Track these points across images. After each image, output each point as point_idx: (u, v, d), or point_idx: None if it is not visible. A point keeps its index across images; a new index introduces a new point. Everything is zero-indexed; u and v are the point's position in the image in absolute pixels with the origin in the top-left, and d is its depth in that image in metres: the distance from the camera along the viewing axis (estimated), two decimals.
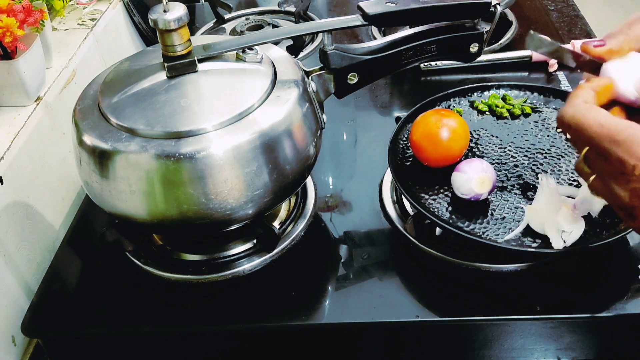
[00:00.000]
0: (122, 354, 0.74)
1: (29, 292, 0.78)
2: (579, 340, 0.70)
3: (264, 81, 0.67)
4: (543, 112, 0.85)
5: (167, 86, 0.66)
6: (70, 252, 0.79)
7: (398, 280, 0.71)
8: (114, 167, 0.63)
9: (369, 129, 0.94)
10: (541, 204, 0.68)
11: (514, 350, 0.70)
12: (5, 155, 0.75)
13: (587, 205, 0.68)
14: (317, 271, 0.74)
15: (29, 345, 0.77)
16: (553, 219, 0.67)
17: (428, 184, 0.75)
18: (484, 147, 0.80)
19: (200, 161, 0.61)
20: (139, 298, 0.72)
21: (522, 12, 1.19)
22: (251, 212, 0.66)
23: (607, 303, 0.67)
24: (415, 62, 0.75)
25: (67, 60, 0.93)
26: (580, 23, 1.18)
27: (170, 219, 0.64)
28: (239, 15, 1.26)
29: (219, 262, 0.74)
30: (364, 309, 0.68)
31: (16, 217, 0.76)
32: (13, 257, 0.75)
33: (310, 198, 0.81)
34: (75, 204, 0.90)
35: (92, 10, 1.07)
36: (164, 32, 0.65)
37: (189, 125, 0.62)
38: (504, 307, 0.68)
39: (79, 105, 0.69)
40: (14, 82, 0.80)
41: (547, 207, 0.67)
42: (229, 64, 0.70)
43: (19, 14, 0.78)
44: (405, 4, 0.70)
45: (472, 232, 0.69)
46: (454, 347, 0.72)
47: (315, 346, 0.73)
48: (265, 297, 0.71)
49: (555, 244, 0.65)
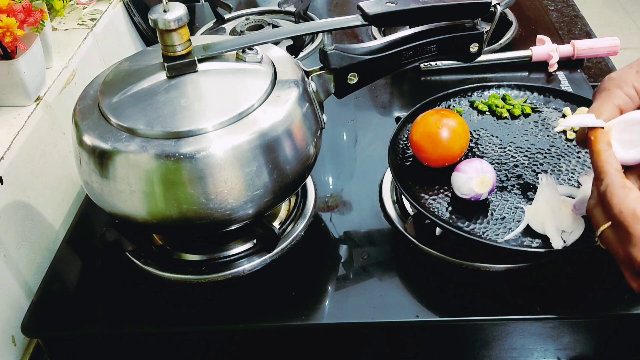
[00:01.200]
0: (122, 354, 0.74)
1: (29, 292, 0.78)
2: (579, 340, 0.70)
3: (264, 81, 0.67)
4: (543, 112, 0.85)
5: (167, 86, 0.66)
6: (70, 252, 0.79)
7: (398, 280, 0.71)
8: (114, 167, 0.63)
9: (369, 129, 0.94)
10: (541, 204, 0.68)
11: (514, 350, 0.70)
12: (5, 155, 0.75)
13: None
14: (317, 271, 0.73)
15: (29, 345, 0.77)
16: (553, 219, 0.67)
17: (428, 184, 0.75)
18: (484, 147, 0.80)
19: (200, 161, 0.61)
20: (139, 298, 0.72)
21: (522, 12, 1.19)
22: (251, 212, 0.66)
23: (607, 303, 0.67)
24: (415, 62, 0.75)
25: (67, 60, 0.93)
26: (580, 23, 1.18)
27: (170, 219, 0.64)
28: (239, 15, 1.26)
29: (219, 262, 0.74)
30: (364, 309, 0.68)
31: (16, 217, 0.76)
32: (13, 257, 0.75)
33: (310, 198, 0.81)
34: (75, 204, 0.90)
35: (92, 10, 1.07)
36: (164, 32, 0.65)
37: (189, 125, 0.62)
38: (504, 307, 0.68)
39: (79, 105, 0.69)
40: (14, 82, 0.80)
41: (547, 207, 0.68)
42: (229, 64, 0.70)
43: (19, 14, 0.78)
44: (405, 4, 0.70)
45: (472, 232, 0.69)
46: (454, 347, 0.72)
47: (315, 346, 0.73)
48: (265, 297, 0.71)
49: (555, 243, 0.65)
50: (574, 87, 0.98)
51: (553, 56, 1.02)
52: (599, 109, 0.58)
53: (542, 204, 0.68)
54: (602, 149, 0.55)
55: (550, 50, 1.02)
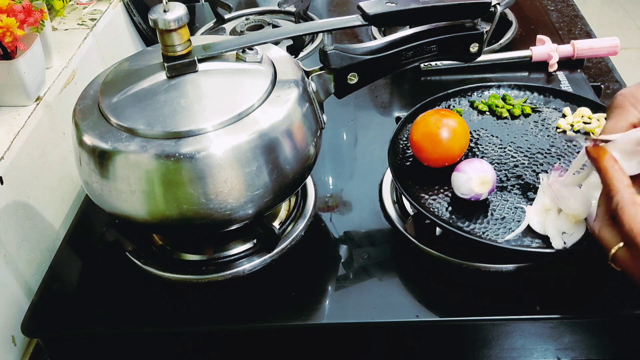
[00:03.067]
0: (122, 354, 0.74)
1: (29, 292, 0.78)
2: (579, 340, 0.70)
3: (264, 81, 0.67)
4: (543, 112, 0.85)
5: (167, 86, 0.66)
6: (70, 252, 0.79)
7: (398, 280, 0.71)
8: (114, 167, 0.63)
9: (369, 129, 0.94)
10: (542, 204, 0.68)
11: (514, 350, 0.70)
12: (5, 155, 0.75)
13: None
14: (317, 271, 0.74)
15: (29, 345, 0.77)
16: (554, 220, 0.67)
17: (428, 184, 0.75)
18: (484, 147, 0.80)
19: (200, 161, 0.61)
20: (139, 298, 0.72)
21: (522, 12, 1.19)
22: (251, 212, 0.66)
23: (607, 303, 0.67)
24: (415, 62, 0.75)
25: (67, 60, 0.93)
26: (580, 23, 1.18)
27: (170, 219, 0.64)
28: (239, 15, 1.26)
29: (219, 262, 0.74)
30: (364, 309, 0.68)
31: (16, 217, 0.76)
32: (13, 257, 0.75)
33: (310, 198, 0.81)
34: (75, 204, 0.90)
35: (92, 10, 1.07)
36: (164, 32, 0.65)
37: (189, 125, 0.62)
38: (504, 307, 0.68)
39: (79, 105, 0.69)
40: (14, 82, 0.80)
41: (548, 207, 0.67)
42: (229, 64, 0.70)
43: (19, 14, 0.78)
44: (405, 4, 0.70)
45: (472, 232, 0.69)
46: (454, 347, 0.72)
47: (315, 346, 0.73)
48: (265, 297, 0.71)
49: (555, 244, 0.65)
50: (574, 87, 0.98)
51: (553, 56, 1.02)
52: (614, 127, 0.57)
53: (543, 204, 0.68)
54: (608, 165, 0.55)
55: (550, 50, 1.02)
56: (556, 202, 0.67)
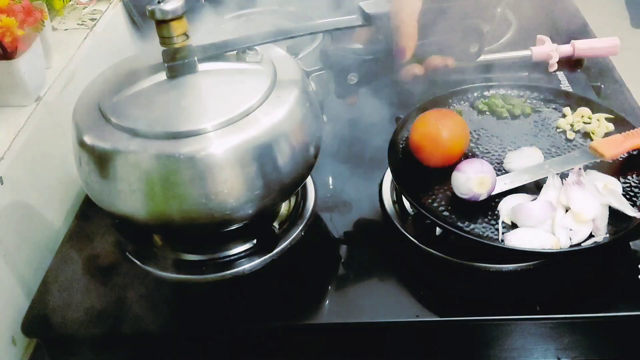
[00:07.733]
0: (122, 354, 0.74)
1: (29, 292, 0.78)
2: (579, 340, 0.70)
3: (264, 81, 0.67)
4: (543, 112, 0.85)
5: (167, 86, 0.66)
6: (70, 252, 0.79)
7: (398, 280, 0.71)
8: (113, 167, 0.63)
9: (369, 129, 0.94)
10: None
11: (514, 350, 0.70)
12: (5, 155, 0.75)
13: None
14: (317, 271, 0.74)
15: (29, 345, 0.77)
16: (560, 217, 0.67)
17: (428, 184, 0.75)
18: (484, 147, 0.80)
19: (200, 161, 0.61)
20: (139, 298, 0.72)
21: (522, 12, 1.19)
22: (251, 212, 0.66)
23: (607, 303, 0.67)
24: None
25: (67, 60, 0.93)
26: (580, 23, 1.18)
27: (170, 218, 0.64)
28: (239, 15, 1.26)
29: (219, 262, 0.74)
30: (364, 309, 0.68)
31: (16, 217, 0.76)
32: (13, 257, 0.75)
33: (310, 198, 0.81)
34: (75, 204, 0.90)
35: (92, 10, 1.07)
36: (160, 22, 0.64)
37: (189, 125, 0.62)
38: (504, 307, 0.68)
39: (79, 105, 0.69)
40: (14, 82, 0.80)
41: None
42: (229, 64, 0.70)
43: (19, 14, 0.78)
44: None
45: (472, 232, 0.69)
46: (454, 347, 0.72)
47: (315, 346, 0.73)
48: (265, 297, 0.71)
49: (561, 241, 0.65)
50: (574, 87, 0.98)
51: (553, 56, 1.02)
52: None
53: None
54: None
55: (550, 50, 1.02)
56: (566, 201, 0.67)
